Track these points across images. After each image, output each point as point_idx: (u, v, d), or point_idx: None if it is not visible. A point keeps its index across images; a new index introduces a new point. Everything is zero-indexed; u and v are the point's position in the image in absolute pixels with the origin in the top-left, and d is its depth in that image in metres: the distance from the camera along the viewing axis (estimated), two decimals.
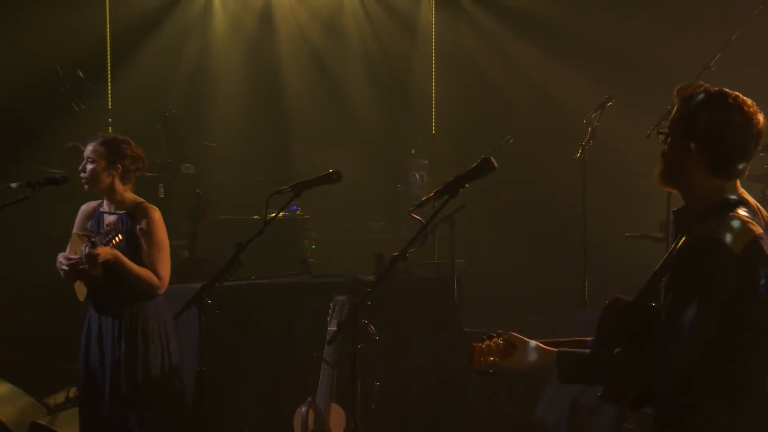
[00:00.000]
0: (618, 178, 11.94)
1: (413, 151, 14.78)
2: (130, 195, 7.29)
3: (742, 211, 4.06)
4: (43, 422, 8.61)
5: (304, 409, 7.48)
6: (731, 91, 4.12)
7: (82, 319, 7.33)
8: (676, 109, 4.19)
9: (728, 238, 3.94)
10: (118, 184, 7.22)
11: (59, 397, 10.54)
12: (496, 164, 4.92)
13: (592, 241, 9.66)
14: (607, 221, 10.64)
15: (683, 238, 4.07)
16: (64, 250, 7.24)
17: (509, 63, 14.56)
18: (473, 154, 11.53)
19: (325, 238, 13.52)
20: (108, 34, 14.45)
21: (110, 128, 13.85)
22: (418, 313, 8.63)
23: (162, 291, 7.22)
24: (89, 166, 7.15)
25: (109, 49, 14.46)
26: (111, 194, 7.23)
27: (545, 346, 4.26)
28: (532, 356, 4.25)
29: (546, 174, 12.65)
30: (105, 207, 7.31)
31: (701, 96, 4.13)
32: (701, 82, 4.21)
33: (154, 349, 7.15)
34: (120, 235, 6.88)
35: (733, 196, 4.11)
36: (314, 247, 13.20)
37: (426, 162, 14.65)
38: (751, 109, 4.10)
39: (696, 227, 4.02)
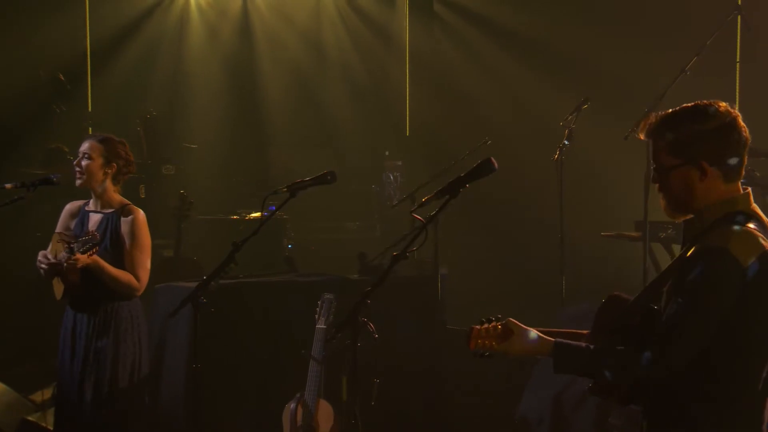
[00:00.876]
0: (594, 179, 11.95)
1: (387, 153, 14.74)
2: (117, 196, 7.28)
3: (752, 225, 4.07)
4: (32, 419, 8.52)
5: (292, 405, 7.47)
6: (700, 102, 4.19)
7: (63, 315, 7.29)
8: (657, 143, 4.19)
9: (737, 249, 3.95)
10: (109, 183, 7.22)
11: (46, 393, 10.32)
12: (496, 165, 4.95)
13: (569, 240, 9.64)
14: (583, 221, 10.63)
15: (693, 248, 4.08)
16: (46, 248, 7.19)
17: (482, 67, 14.58)
18: (447, 156, 11.63)
19: (301, 238, 13.47)
20: (88, 39, 14.35)
21: (90, 129, 13.81)
22: (402, 311, 8.59)
23: (139, 293, 7.20)
24: (85, 162, 7.14)
25: (89, 52, 14.36)
26: (101, 192, 7.20)
27: (543, 336, 4.24)
28: (529, 343, 4.24)
29: (524, 175, 12.63)
30: (91, 206, 7.30)
31: (679, 117, 4.18)
32: (662, 112, 4.26)
33: (125, 350, 7.12)
34: (96, 248, 6.84)
35: (745, 210, 4.12)
36: (291, 246, 13.13)
37: (400, 163, 14.63)
38: (724, 110, 4.15)
39: (707, 236, 4.04)
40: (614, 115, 10.26)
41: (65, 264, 6.81)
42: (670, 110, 4.23)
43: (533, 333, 4.24)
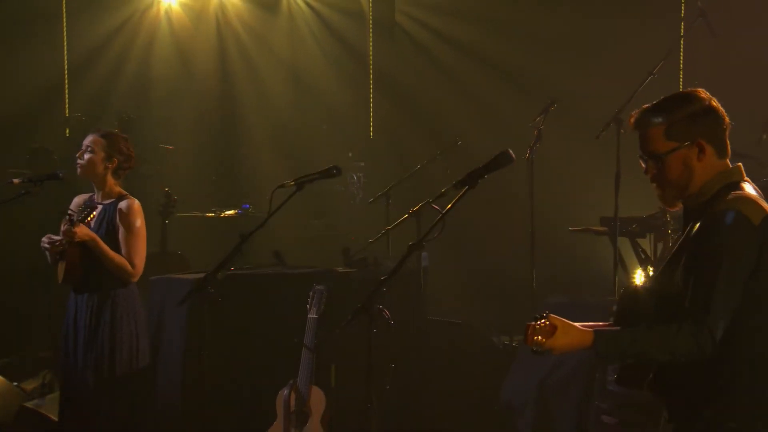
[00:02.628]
0: (562, 177, 11.97)
1: (350, 155, 14.69)
2: (117, 189, 7.27)
3: (749, 190, 4.10)
4: (30, 405, 8.40)
5: (286, 391, 7.41)
6: (680, 90, 4.32)
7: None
8: (651, 130, 4.19)
9: (747, 210, 3.96)
10: (110, 177, 7.17)
11: (35, 382, 10.37)
12: (513, 156, 4.87)
13: (539, 235, 9.64)
14: (552, 217, 10.64)
15: (698, 223, 4.07)
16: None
17: (444, 73, 14.60)
18: (409, 157, 11.63)
19: (270, 234, 13.37)
20: (65, 47, 14.19)
21: (67, 131, 13.72)
22: (387, 302, 8.52)
23: (135, 279, 7.14)
24: (87, 156, 7.10)
25: (66, 61, 14.22)
26: (102, 185, 7.17)
27: (582, 328, 4.16)
28: (572, 337, 4.14)
29: (495, 173, 12.63)
30: (96, 198, 7.20)
31: (669, 103, 4.21)
32: (644, 105, 4.28)
33: (122, 337, 7.05)
34: (94, 213, 6.83)
35: (738, 179, 4.16)
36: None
37: (362, 164, 14.58)
38: (705, 95, 4.20)
39: (713, 206, 4.04)
40: (580, 117, 10.30)
41: (62, 231, 6.75)
42: (654, 102, 4.24)
43: (575, 327, 4.16)
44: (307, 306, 7.59)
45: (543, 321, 4.19)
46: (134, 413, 7.11)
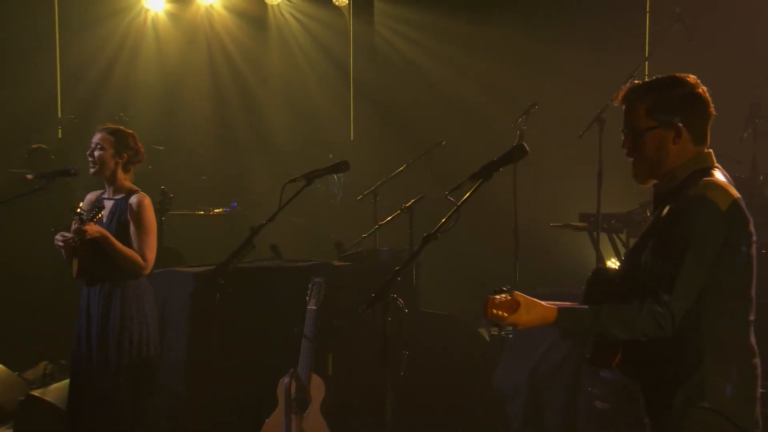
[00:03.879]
0: (543, 176, 12.02)
1: (331, 156, 14.68)
2: (127, 183, 7.19)
3: (719, 176, 4.09)
4: (37, 394, 8.34)
5: (286, 379, 7.40)
6: (671, 74, 4.22)
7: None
8: (635, 106, 4.18)
9: (715, 196, 3.96)
10: (120, 172, 7.11)
11: (37, 372, 10.45)
12: (528, 150, 4.79)
13: (522, 230, 9.70)
14: (534, 213, 10.69)
15: (667, 207, 4.09)
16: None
17: (424, 78, 14.65)
18: (388, 158, 11.64)
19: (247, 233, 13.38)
20: (57, 50, 14.12)
21: (59, 133, 13.66)
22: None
23: (146, 272, 7.06)
24: (97, 152, 7.04)
25: (58, 65, 14.14)
26: (113, 181, 7.11)
27: (546, 304, 4.12)
28: (535, 313, 4.09)
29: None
30: (107, 194, 7.17)
31: (659, 84, 4.19)
32: (635, 81, 4.31)
33: (131, 327, 6.97)
34: (102, 212, 6.80)
35: (709, 165, 4.16)
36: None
37: None
38: (695, 81, 4.19)
39: (683, 191, 4.05)
40: (562, 118, 10.34)
41: (73, 230, 6.70)
42: (645, 80, 4.26)
43: (539, 304, 4.12)
44: (307, 297, 7.59)
45: (504, 295, 4.14)
46: (143, 401, 7.07)
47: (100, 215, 6.77)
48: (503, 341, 8.79)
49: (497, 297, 4.13)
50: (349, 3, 15.30)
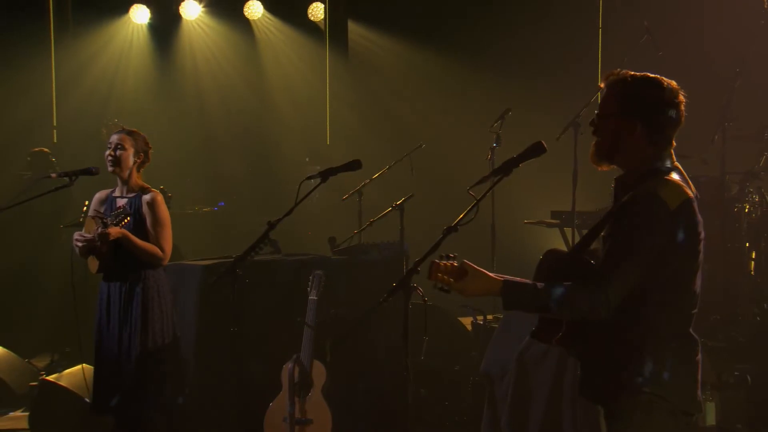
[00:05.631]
0: (517, 176, 12.05)
1: (307, 159, 14.70)
2: (140, 182, 7.22)
3: (675, 176, 4.08)
4: (51, 379, 8.33)
5: (290, 365, 7.44)
6: (657, 75, 4.19)
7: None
8: (610, 92, 4.20)
9: (665, 194, 3.95)
10: (135, 171, 7.11)
11: (45, 359, 10.67)
12: (546, 147, 4.70)
13: (498, 227, 9.75)
14: (509, 211, 10.75)
15: (622, 200, 4.10)
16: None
17: (400, 83, 14.70)
18: (366, 159, 11.65)
19: (240, 229, 13.40)
20: (53, 58, 14.04)
21: (55, 137, 13.61)
22: (374, 287, 8.56)
23: (165, 263, 7.14)
24: (119, 152, 7.05)
25: (54, 76, 14.06)
26: (128, 179, 7.12)
27: (493, 276, 4.16)
28: (481, 283, 4.15)
29: (462, 174, 12.75)
30: (117, 192, 7.21)
31: (637, 79, 4.16)
32: (626, 70, 4.24)
33: (153, 315, 7.02)
34: (128, 218, 6.82)
35: (668, 165, 4.14)
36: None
37: (318, 167, 14.52)
38: (675, 88, 4.15)
39: (636, 188, 4.04)
40: (534, 122, 10.43)
41: (99, 232, 6.71)
42: (631, 72, 4.21)
43: (485, 273, 4.16)
44: (308, 288, 7.63)
45: (450, 262, 4.20)
46: (163, 385, 7.08)
47: (126, 220, 6.77)
48: (484, 329, 8.85)
49: (443, 263, 4.20)
50: (325, 18, 15.30)
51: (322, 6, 15.19)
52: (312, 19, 15.35)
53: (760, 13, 8.69)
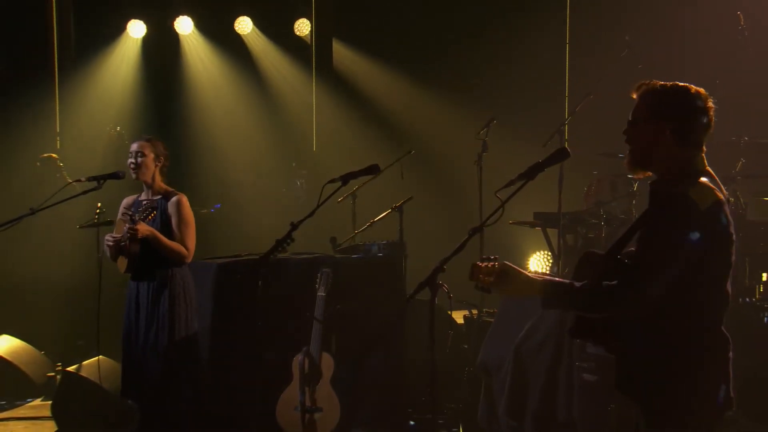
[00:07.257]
0: (503, 180, 12.10)
1: (294, 165, 14.71)
2: (163, 185, 7.27)
3: (706, 180, 4.00)
4: (72, 369, 8.32)
5: (300, 357, 7.47)
6: (686, 84, 4.13)
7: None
8: (641, 101, 4.14)
9: (695, 195, 3.89)
10: (157, 175, 7.16)
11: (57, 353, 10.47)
12: (570, 152, 4.64)
13: (486, 228, 9.77)
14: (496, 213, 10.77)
15: (656, 203, 4.06)
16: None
17: (386, 90, 14.72)
18: (351, 164, 11.67)
19: (231, 230, 13.38)
20: (56, 64, 13.94)
21: (58, 144, 13.53)
22: (374, 284, 8.58)
23: (189, 260, 7.21)
24: (140, 159, 7.08)
25: (57, 76, 13.96)
26: (152, 183, 7.19)
27: (532, 276, 4.11)
28: (521, 283, 4.09)
29: (452, 178, 12.87)
30: (143, 197, 7.25)
31: (666, 86, 4.11)
32: (655, 80, 4.18)
33: (179, 310, 7.10)
34: (155, 212, 6.89)
35: (701, 169, 4.07)
36: None
37: (305, 172, 14.59)
38: (704, 95, 4.10)
39: (668, 190, 4.00)
40: (519, 129, 10.50)
41: (127, 230, 6.77)
42: (660, 82, 4.16)
43: (525, 274, 4.10)
44: (316, 285, 7.66)
45: (492, 263, 4.16)
46: (188, 376, 7.09)
47: (153, 214, 6.82)
48: (477, 323, 8.90)
49: (484, 264, 4.17)
50: (311, 32, 15.29)
51: (308, 22, 15.17)
52: (298, 34, 15.32)
53: (737, 29, 8.75)
